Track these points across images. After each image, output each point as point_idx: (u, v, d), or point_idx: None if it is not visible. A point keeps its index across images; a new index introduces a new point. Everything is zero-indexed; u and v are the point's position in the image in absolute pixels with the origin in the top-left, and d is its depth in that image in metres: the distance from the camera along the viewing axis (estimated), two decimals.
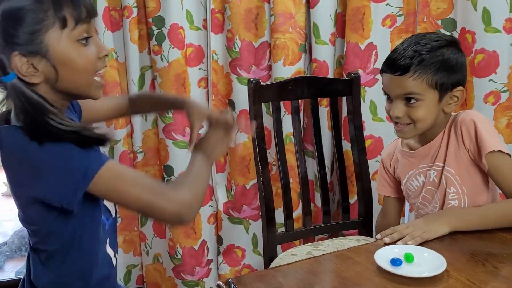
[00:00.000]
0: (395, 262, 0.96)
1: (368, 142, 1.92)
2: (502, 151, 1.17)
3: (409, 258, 0.97)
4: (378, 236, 1.12)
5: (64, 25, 0.87)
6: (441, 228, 1.09)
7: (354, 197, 1.86)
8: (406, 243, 1.05)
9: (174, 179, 0.88)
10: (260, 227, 1.64)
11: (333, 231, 1.83)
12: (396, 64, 1.18)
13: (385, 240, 1.08)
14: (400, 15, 1.86)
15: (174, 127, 1.96)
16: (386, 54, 1.28)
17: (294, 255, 1.55)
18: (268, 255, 1.63)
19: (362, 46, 1.87)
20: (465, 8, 1.76)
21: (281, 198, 1.66)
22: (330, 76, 1.93)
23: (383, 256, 0.98)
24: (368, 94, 1.91)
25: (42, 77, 0.88)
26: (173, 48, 1.88)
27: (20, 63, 0.86)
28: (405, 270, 0.94)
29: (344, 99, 1.82)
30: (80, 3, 0.89)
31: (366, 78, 1.89)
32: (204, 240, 2.07)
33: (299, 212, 1.96)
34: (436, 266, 0.94)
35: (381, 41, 1.88)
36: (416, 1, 1.84)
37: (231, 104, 1.97)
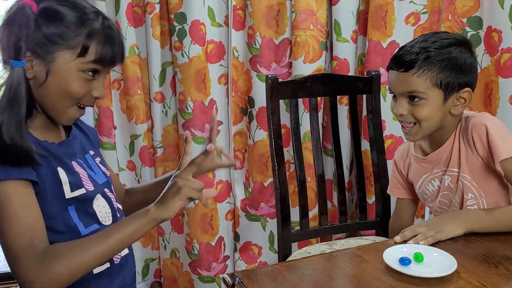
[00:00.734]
0: (404, 261, 0.94)
1: (389, 142, 1.89)
2: None
3: (418, 257, 0.95)
4: (397, 238, 1.08)
5: (82, 54, 0.90)
6: (455, 229, 1.06)
7: (372, 198, 1.83)
8: (418, 243, 1.03)
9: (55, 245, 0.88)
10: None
11: (349, 231, 1.80)
12: (401, 60, 1.16)
13: (396, 239, 1.06)
14: (424, 13, 1.83)
15: (193, 123, 1.96)
16: None
17: (308, 253, 1.54)
18: (283, 252, 1.62)
19: (384, 44, 1.84)
20: (492, 6, 1.71)
21: (298, 196, 1.64)
22: (351, 74, 1.91)
23: (392, 255, 0.96)
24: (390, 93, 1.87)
25: (32, 75, 0.91)
26: (194, 44, 1.89)
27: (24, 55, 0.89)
28: (413, 269, 0.92)
29: (365, 97, 1.80)
30: (110, 47, 0.91)
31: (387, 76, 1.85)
32: (221, 237, 2.07)
33: (316, 211, 1.94)
34: (446, 267, 0.92)
35: (404, 39, 1.82)
36: None
37: (251, 101, 1.97)
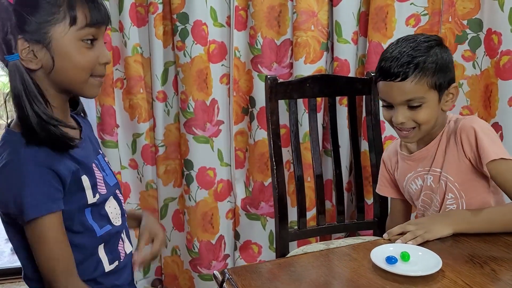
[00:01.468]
0: (390, 260, 0.95)
1: (388, 143, 1.89)
2: (504, 158, 1.13)
3: (405, 257, 0.96)
4: (385, 235, 1.11)
5: (73, 23, 0.92)
6: (444, 229, 1.08)
7: (371, 198, 1.83)
8: (406, 242, 1.04)
9: None
10: None
11: (347, 231, 1.81)
12: (395, 71, 1.17)
13: (384, 236, 1.08)
14: (424, 15, 1.83)
15: (195, 122, 1.98)
16: None
17: (304, 252, 1.55)
18: (281, 251, 1.63)
19: (385, 46, 1.84)
20: (492, 8, 1.71)
21: (296, 196, 1.66)
22: (351, 75, 1.92)
23: (379, 254, 0.97)
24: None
25: (39, 65, 0.92)
26: (196, 44, 1.91)
27: (21, 47, 0.90)
28: (399, 268, 0.93)
29: (365, 99, 1.80)
30: (94, 8, 0.93)
31: None
32: (222, 235, 2.09)
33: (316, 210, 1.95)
34: (431, 266, 0.93)
35: None
36: (441, 0, 1.81)
37: (252, 101, 1.99)
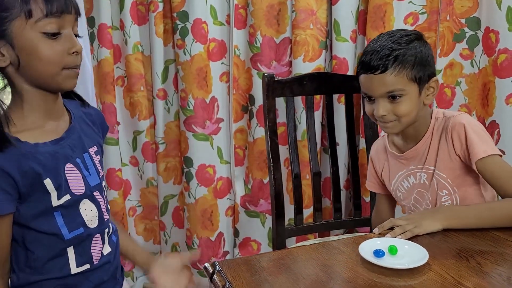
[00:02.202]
0: (378, 253, 0.96)
1: None
2: (492, 155, 1.15)
3: (392, 250, 0.97)
4: (376, 230, 1.12)
5: (28, 16, 0.91)
6: (433, 224, 1.09)
7: (369, 196, 1.84)
8: (396, 237, 1.05)
9: None
10: None
11: (343, 228, 1.82)
12: (375, 64, 1.19)
13: (375, 230, 1.09)
14: (423, 13, 1.84)
15: (195, 120, 2.00)
16: None
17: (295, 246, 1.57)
18: (277, 248, 1.65)
19: None
20: (490, 7, 1.71)
21: (293, 193, 1.67)
22: (350, 73, 1.92)
23: (367, 248, 0.99)
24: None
25: (8, 62, 0.94)
26: (196, 42, 1.93)
27: None
28: (386, 261, 0.94)
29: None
30: None
31: None
32: (221, 232, 2.10)
33: None
34: (418, 259, 0.94)
35: None
36: None
37: (251, 99, 2.00)
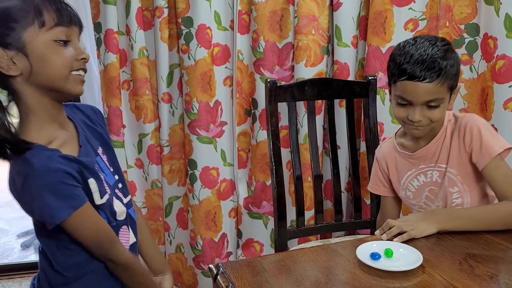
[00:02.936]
0: (374, 256, 1.00)
1: None
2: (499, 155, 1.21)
3: (388, 253, 1.01)
4: (377, 232, 1.16)
5: (42, 24, 0.97)
6: (429, 228, 1.12)
7: (370, 198, 1.88)
8: (392, 240, 1.09)
9: None
10: None
11: (344, 229, 1.86)
12: (422, 74, 1.19)
13: (376, 233, 1.13)
14: (422, 19, 1.87)
15: (198, 123, 2.04)
16: None
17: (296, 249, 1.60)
18: (279, 249, 1.69)
19: (384, 49, 1.89)
20: (488, 14, 1.75)
21: (295, 195, 1.71)
22: (351, 78, 1.96)
23: (364, 251, 1.03)
24: (388, 97, 1.92)
25: (19, 71, 0.98)
26: (200, 47, 1.97)
27: (0, 58, 0.96)
28: (382, 263, 0.98)
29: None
30: (61, 9, 0.99)
31: (386, 81, 1.90)
32: (224, 233, 2.15)
33: None
34: (412, 262, 0.97)
35: None
36: (439, 5, 1.85)
37: (254, 103, 2.04)
